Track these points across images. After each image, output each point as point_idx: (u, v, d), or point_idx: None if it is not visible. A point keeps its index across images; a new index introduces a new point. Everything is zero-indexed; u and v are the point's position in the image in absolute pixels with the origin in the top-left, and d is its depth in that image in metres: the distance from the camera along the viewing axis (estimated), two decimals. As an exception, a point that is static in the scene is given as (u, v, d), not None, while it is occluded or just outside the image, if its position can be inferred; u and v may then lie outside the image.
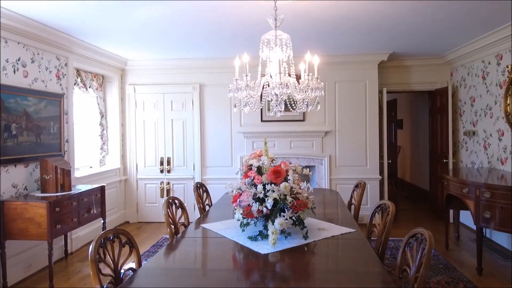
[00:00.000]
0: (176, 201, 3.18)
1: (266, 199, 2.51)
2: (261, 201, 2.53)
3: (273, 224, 2.45)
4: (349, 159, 6.02)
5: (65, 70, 4.74)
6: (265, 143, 2.88)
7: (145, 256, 4.56)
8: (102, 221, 4.57)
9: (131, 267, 2.24)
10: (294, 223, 2.57)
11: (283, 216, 2.47)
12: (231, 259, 2.43)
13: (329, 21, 4.10)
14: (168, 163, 6.30)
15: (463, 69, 5.78)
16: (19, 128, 3.91)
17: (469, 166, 5.56)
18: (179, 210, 3.19)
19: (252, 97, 2.90)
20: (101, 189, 4.52)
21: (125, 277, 2.20)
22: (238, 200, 2.62)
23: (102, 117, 5.99)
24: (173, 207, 3.11)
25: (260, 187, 2.57)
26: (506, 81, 4.55)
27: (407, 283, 2.04)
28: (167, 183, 6.31)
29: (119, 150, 6.24)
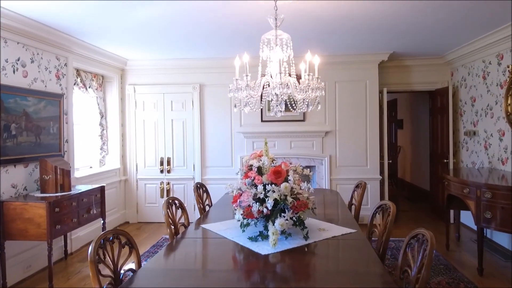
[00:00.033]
0: (176, 202, 3.17)
1: (266, 199, 2.50)
2: (261, 201, 2.52)
3: (273, 224, 2.44)
4: (350, 159, 6.01)
5: (64, 70, 4.73)
6: (265, 143, 2.87)
7: (145, 256, 4.55)
8: (102, 221, 4.56)
9: (131, 268, 2.23)
10: (294, 224, 2.56)
11: (283, 216, 2.46)
12: (231, 259, 2.42)
13: (329, 21, 4.09)
14: (168, 163, 6.30)
15: (463, 69, 5.77)
16: (19, 128, 3.90)
17: (470, 166, 5.55)
18: (179, 210, 3.18)
19: (252, 97, 2.89)
20: (101, 189, 4.51)
21: (124, 278, 2.19)
22: (238, 201, 2.62)
23: (102, 117, 5.98)
24: (173, 207, 3.10)
25: (260, 187, 2.56)
26: (506, 81, 4.54)
27: (408, 283, 2.03)
28: (167, 183, 6.30)
29: (119, 150, 6.24)
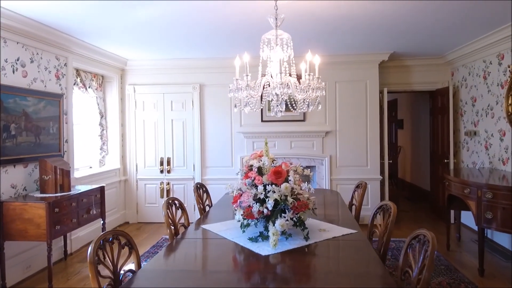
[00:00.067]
0: (176, 202, 3.16)
1: (266, 200, 2.49)
2: (261, 202, 2.51)
3: (273, 225, 2.43)
4: (350, 159, 6.00)
5: (64, 70, 4.72)
6: (265, 143, 2.86)
7: (145, 257, 4.54)
8: (102, 221, 4.55)
9: (131, 268, 2.22)
10: (295, 224, 2.55)
11: (284, 217, 2.45)
12: (231, 260, 2.41)
13: (330, 21, 4.08)
14: (168, 164, 6.29)
15: (464, 69, 5.76)
16: (18, 128, 3.89)
17: (471, 167, 5.54)
18: (179, 211, 3.17)
19: (252, 97, 2.88)
20: (101, 189, 4.50)
21: (124, 278, 2.18)
22: (238, 201, 2.61)
23: (101, 117, 5.97)
24: (173, 208, 3.09)
25: (260, 187, 2.55)
26: (507, 81, 4.53)
27: (409, 284, 2.02)
28: (167, 183, 6.29)
29: (119, 150, 6.22)
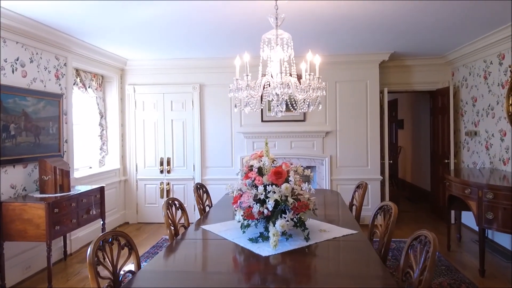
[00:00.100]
0: (176, 202, 3.15)
1: (267, 200, 2.48)
2: (262, 202, 2.50)
3: (274, 225, 2.42)
4: (350, 159, 5.99)
5: (64, 70, 4.71)
6: (266, 143, 2.85)
7: (145, 257, 4.53)
8: (102, 222, 4.54)
9: (130, 269, 2.21)
10: (295, 225, 2.53)
11: (284, 217, 2.44)
12: (231, 261, 2.40)
13: (330, 21, 4.07)
14: (168, 164, 6.27)
15: (464, 69, 5.74)
16: (18, 128, 3.88)
17: (471, 167, 5.53)
18: (179, 211, 3.16)
19: (252, 97, 2.87)
20: (101, 189, 4.48)
21: (124, 279, 2.17)
22: (238, 202, 2.59)
23: (101, 117, 5.96)
24: (172, 208, 3.08)
25: (261, 188, 2.54)
26: (508, 81, 4.52)
27: (410, 285, 2.01)
28: (167, 183, 6.28)
29: (118, 151, 6.21)
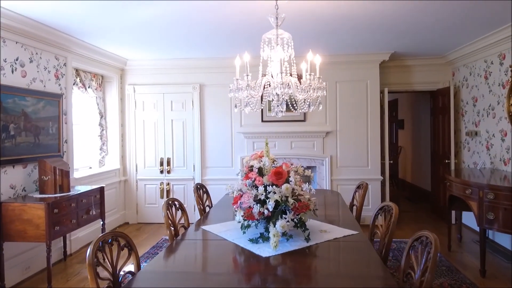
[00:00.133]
0: (176, 203, 3.14)
1: (267, 201, 2.47)
2: (262, 203, 2.49)
3: (274, 226, 2.41)
4: (351, 159, 5.98)
5: (64, 70, 4.70)
6: (266, 143, 2.85)
7: (145, 257, 4.52)
8: (102, 222, 4.53)
9: (130, 270, 2.20)
10: (295, 225, 2.52)
11: (284, 218, 2.43)
12: (231, 262, 2.39)
13: (330, 21, 4.06)
14: (168, 164, 6.26)
15: (465, 69, 5.73)
16: (17, 128, 3.87)
17: (472, 167, 5.52)
18: (179, 211, 3.15)
19: (253, 97, 2.86)
20: (100, 190, 4.47)
21: (123, 280, 2.16)
22: (239, 202, 2.58)
23: (101, 117, 5.95)
24: (172, 208, 3.07)
25: (261, 188, 2.53)
26: (509, 81, 4.51)
27: (412, 286, 2.00)
28: (167, 183, 6.27)
29: (118, 151, 6.20)
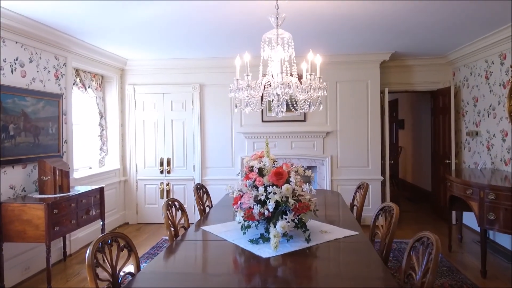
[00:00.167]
0: (176, 203, 3.13)
1: (267, 201, 2.46)
2: (262, 203, 2.48)
3: (275, 227, 2.40)
4: (351, 159, 5.97)
5: (63, 70, 4.69)
6: (266, 144, 2.83)
7: (145, 258, 4.51)
8: (101, 222, 4.52)
9: (130, 271, 2.19)
10: (296, 226, 2.51)
11: (285, 218, 2.42)
12: (232, 262, 2.38)
13: (330, 21, 4.05)
14: (168, 164, 6.26)
15: (465, 69, 5.72)
16: (17, 128, 3.86)
17: (472, 167, 5.51)
18: (179, 212, 3.14)
19: (253, 97, 2.85)
20: (100, 190, 4.46)
21: (123, 281, 2.15)
22: (239, 202, 2.57)
23: (101, 117, 5.94)
24: (172, 209, 3.06)
25: (261, 189, 2.52)
26: (509, 81, 4.50)
27: (412, 286, 1.99)
28: (167, 184, 6.26)
29: (118, 151, 6.19)
